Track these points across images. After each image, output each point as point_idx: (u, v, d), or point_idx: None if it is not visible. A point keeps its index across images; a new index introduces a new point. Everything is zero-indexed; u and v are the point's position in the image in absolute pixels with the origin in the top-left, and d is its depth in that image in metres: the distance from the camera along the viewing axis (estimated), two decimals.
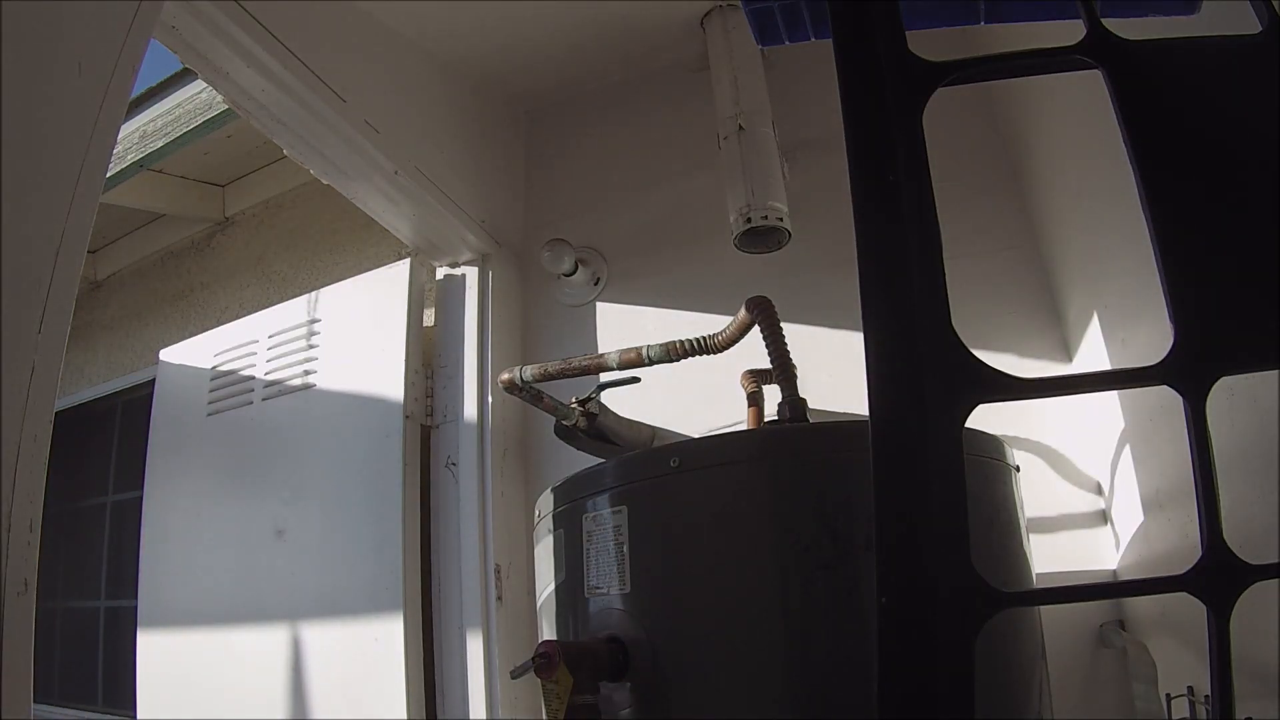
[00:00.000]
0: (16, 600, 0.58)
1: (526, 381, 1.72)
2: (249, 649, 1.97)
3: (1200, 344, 0.50)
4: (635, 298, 2.20)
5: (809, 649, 1.09)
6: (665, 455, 1.20)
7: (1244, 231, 0.53)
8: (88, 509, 3.02)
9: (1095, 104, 0.76)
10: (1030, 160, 1.88)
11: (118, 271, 3.25)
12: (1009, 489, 1.26)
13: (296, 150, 1.74)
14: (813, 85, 1.99)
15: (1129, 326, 1.40)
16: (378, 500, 1.95)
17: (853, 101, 0.56)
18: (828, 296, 1.89)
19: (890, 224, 0.54)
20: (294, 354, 2.19)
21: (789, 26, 0.92)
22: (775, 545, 1.13)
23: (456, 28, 2.06)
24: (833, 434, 1.25)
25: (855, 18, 0.58)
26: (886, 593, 0.49)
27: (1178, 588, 0.49)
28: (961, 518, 0.49)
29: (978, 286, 1.84)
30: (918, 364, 0.51)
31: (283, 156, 1.88)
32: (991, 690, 1.04)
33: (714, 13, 2.12)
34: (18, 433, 0.60)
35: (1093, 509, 1.71)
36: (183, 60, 1.46)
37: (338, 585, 1.94)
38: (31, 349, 0.62)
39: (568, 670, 1.07)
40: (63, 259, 0.66)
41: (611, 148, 2.37)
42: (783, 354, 1.48)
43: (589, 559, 1.21)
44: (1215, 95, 0.57)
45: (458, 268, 2.20)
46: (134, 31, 0.74)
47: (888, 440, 0.50)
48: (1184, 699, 1.17)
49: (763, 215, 1.77)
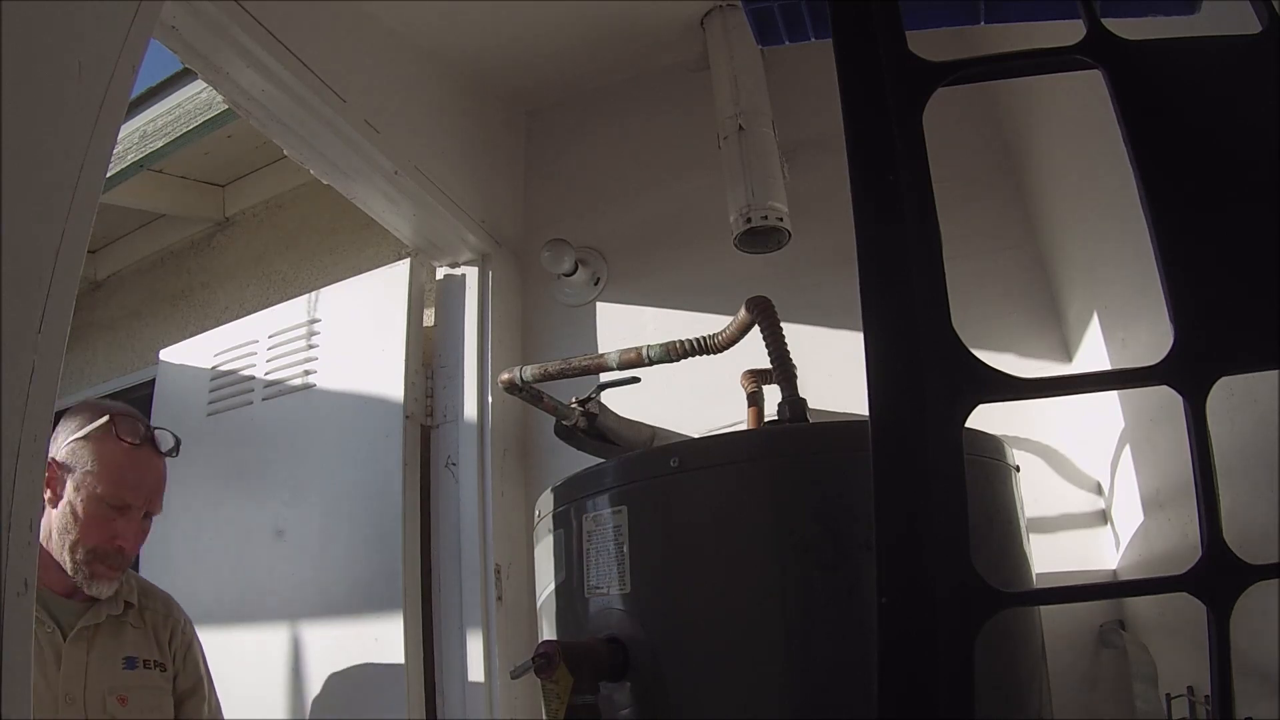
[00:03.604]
0: (16, 600, 0.58)
1: (526, 381, 1.72)
2: (249, 649, 1.97)
3: (1200, 344, 0.50)
4: (635, 298, 2.20)
5: (809, 649, 1.09)
6: (665, 455, 1.20)
7: (1244, 231, 0.53)
8: None
9: (1095, 104, 0.76)
10: (1030, 160, 1.88)
11: (118, 271, 3.25)
12: (1009, 489, 1.26)
13: (296, 150, 1.74)
14: (813, 85, 1.99)
15: (1129, 326, 1.40)
16: (378, 500, 1.95)
17: (853, 101, 0.56)
18: (828, 296, 1.90)
19: (890, 224, 0.54)
20: (294, 354, 2.19)
21: (789, 26, 0.92)
22: (775, 545, 1.13)
23: (456, 27, 2.06)
24: (833, 434, 1.25)
25: (855, 18, 0.58)
26: (886, 593, 0.49)
27: (1178, 588, 0.49)
28: (961, 518, 0.49)
29: (978, 286, 1.84)
30: (918, 364, 0.51)
31: (283, 156, 1.88)
32: (991, 690, 1.04)
33: (714, 13, 2.12)
34: (18, 433, 0.60)
35: (1093, 509, 1.71)
36: (183, 60, 1.46)
37: (338, 585, 1.94)
38: (31, 349, 0.62)
39: (568, 670, 1.07)
40: (63, 259, 0.66)
41: (611, 148, 2.37)
42: (783, 354, 1.48)
43: (589, 559, 1.21)
44: (1215, 95, 0.57)
45: (458, 268, 2.20)
46: (134, 31, 0.74)
47: (888, 440, 0.50)
48: (1184, 699, 1.17)
49: (763, 215, 1.77)
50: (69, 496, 1.40)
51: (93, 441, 1.43)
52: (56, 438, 1.44)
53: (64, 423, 1.46)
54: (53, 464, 1.41)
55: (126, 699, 1.41)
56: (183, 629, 1.58)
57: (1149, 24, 0.67)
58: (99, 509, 1.40)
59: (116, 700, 1.40)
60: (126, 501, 1.43)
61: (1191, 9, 0.74)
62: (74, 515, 1.39)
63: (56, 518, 1.40)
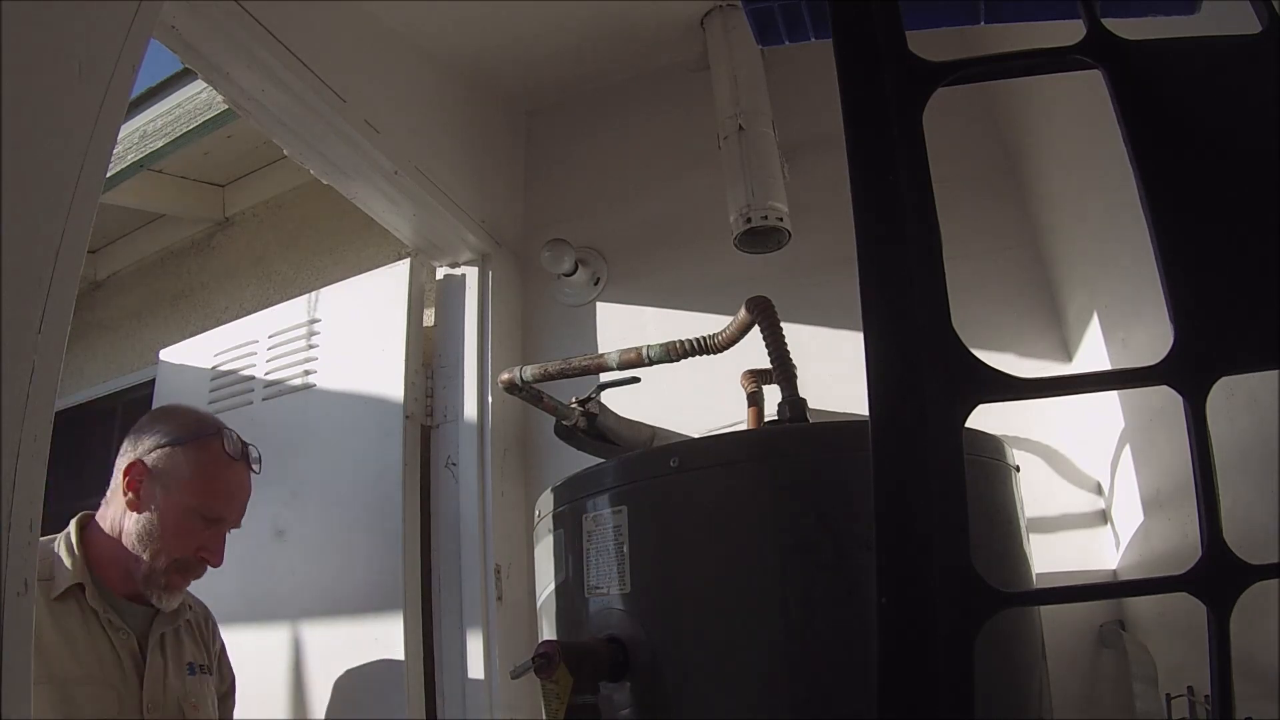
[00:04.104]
0: (16, 600, 0.58)
1: (526, 381, 1.72)
2: (249, 649, 1.97)
3: (1200, 344, 0.50)
4: (635, 298, 2.20)
5: (809, 649, 1.09)
6: (665, 455, 1.20)
7: (1244, 231, 0.53)
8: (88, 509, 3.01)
9: (1095, 104, 0.76)
10: (1030, 160, 1.88)
11: (118, 271, 3.25)
12: (1009, 489, 1.26)
13: (296, 150, 1.74)
14: (813, 85, 1.99)
15: (1129, 326, 1.40)
16: (378, 500, 1.95)
17: (853, 102, 0.56)
18: (828, 296, 1.89)
19: (890, 224, 0.54)
20: (294, 354, 2.19)
21: (789, 26, 0.92)
22: (775, 545, 1.13)
23: (457, 27, 2.06)
24: (833, 434, 1.25)
25: (855, 18, 0.58)
26: (886, 593, 0.49)
27: (1178, 588, 0.49)
28: (962, 518, 0.49)
29: (978, 286, 1.84)
30: (918, 364, 0.51)
31: (283, 156, 1.88)
32: (991, 690, 1.04)
33: (714, 13, 2.12)
34: (18, 433, 0.60)
35: (1093, 509, 1.71)
36: (183, 60, 1.46)
37: (338, 585, 1.94)
38: (31, 349, 0.62)
39: (568, 670, 1.07)
40: (63, 259, 0.66)
41: (611, 147, 2.37)
42: (783, 354, 1.48)
43: (589, 559, 1.21)
44: (1215, 95, 0.57)
45: (458, 268, 2.20)
46: (134, 31, 0.74)
47: (888, 440, 0.50)
48: (1184, 699, 1.17)
49: (763, 215, 1.77)
50: (159, 503, 1.35)
51: (194, 450, 1.38)
52: (142, 440, 1.39)
53: (151, 426, 1.41)
54: (139, 466, 1.36)
55: (197, 706, 1.40)
56: (216, 630, 1.58)
57: (1149, 24, 0.67)
58: (191, 520, 1.36)
59: (191, 706, 1.38)
60: (221, 515, 1.41)
61: (1191, 9, 0.74)
62: (161, 523, 1.34)
63: (136, 522, 1.34)
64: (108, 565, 1.35)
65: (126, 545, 1.34)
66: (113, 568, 1.35)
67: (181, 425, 1.41)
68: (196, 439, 1.40)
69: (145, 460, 1.37)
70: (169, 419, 1.43)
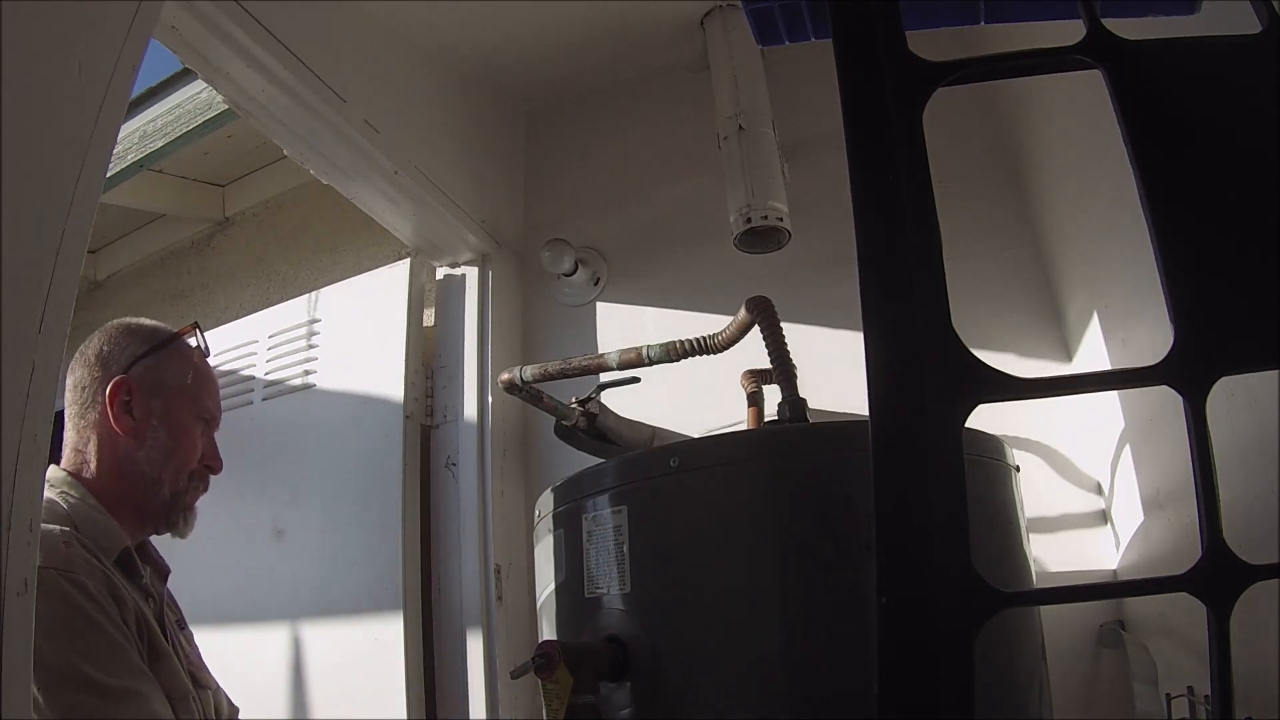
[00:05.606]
0: (16, 600, 0.58)
1: (526, 381, 1.72)
2: (248, 649, 1.97)
3: (1200, 344, 0.50)
4: (635, 298, 2.20)
5: (809, 649, 1.09)
6: (665, 455, 1.20)
7: (1244, 231, 0.53)
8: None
9: (1095, 104, 0.76)
10: (1030, 160, 1.88)
11: (118, 271, 3.24)
12: (1009, 489, 1.26)
13: (296, 150, 1.74)
14: (813, 85, 1.98)
15: (1129, 326, 1.40)
16: (378, 500, 1.95)
17: (853, 102, 0.56)
18: (828, 296, 1.89)
19: (890, 224, 0.54)
20: (294, 354, 2.19)
21: (789, 26, 0.92)
22: (775, 545, 1.13)
23: (457, 27, 2.06)
24: (833, 434, 1.25)
25: (855, 18, 0.58)
26: (886, 592, 0.49)
27: (1178, 588, 0.49)
28: (962, 518, 0.49)
29: (978, 286, 1.84)
30: (918, 364, 0.51)
31: (283, 156, 1.88)
32: (991, 690, 1.04)
33: (714, 13, 2.12)
34: (18, 433, 0.60)
35: (1093, 509, 1.71)
36: (183, 60, 1.46)
37: (338, 585, 1.94)
38: (31, 349, 0.62)
39: (568, 670, 1.07)
40: (63, 259, 0.66)
41: (611, 147, 2.37)
42: (783, 354, 1.49)
43: (589, 559, 1.21)
44: (1215, 95, 0.57)
45: (458, 268, 2.20)
46: (134, 31, 0.74)
47: (888, 440, 0.50)
48: (1184, 699, 1.17)
49: (763, 215, 1.77)
50: (160, 416, 1.20)
51: (174, 354, 1.25)
52: (113, 360, 1.23)
53: (113, 343, 1.26)
54: (126, 385, 1.19)
55: (200, 669, 1.29)
56: None
57: (1149, 24, 0.67)
58: (195, 425, 1.24)
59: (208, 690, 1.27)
60: (213, 413, 1.29)
61: (1191, 9, 0.74)
62: (172, 436, 1.20)
63: (144, 444, 1.19)
64: (119, 504, 1.18)
65: (135, 475, 1.19)
66: (121, 507, 1.18)
67: (148, 334, 1.28)
68: (172, 342, 1.27)
69: (130, 378, 1.21)
70: (130, 333, 1.28)
